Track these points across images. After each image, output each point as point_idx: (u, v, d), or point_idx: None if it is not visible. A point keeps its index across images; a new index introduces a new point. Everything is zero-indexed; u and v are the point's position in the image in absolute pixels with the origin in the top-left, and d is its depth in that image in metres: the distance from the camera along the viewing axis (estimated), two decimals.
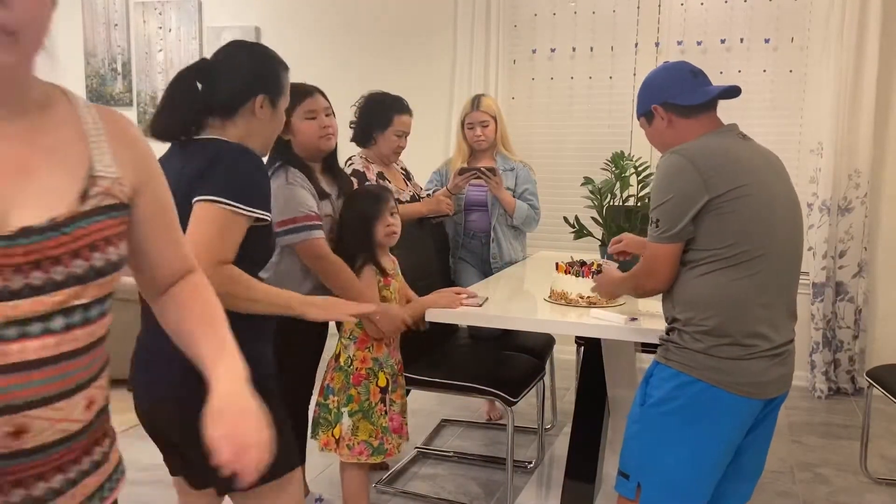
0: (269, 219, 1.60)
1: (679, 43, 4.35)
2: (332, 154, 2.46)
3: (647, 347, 3.27)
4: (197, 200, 1.54)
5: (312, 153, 2.38)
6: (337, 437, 2.28)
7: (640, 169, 2.87)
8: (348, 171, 2.81)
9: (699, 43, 4.32)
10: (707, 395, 1.71)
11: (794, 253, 1.80)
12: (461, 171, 3.18)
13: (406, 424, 2.39)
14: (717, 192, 1.68)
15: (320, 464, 2.95)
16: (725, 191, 1.68)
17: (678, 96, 1.84)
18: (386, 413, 2.30)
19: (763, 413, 1.80)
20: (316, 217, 2.24)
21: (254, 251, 1.61)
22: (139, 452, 3.13)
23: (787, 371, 1.78)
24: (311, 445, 2.50)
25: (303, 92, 2.32)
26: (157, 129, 1.64)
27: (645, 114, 1.92)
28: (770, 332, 1.72)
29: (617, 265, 2.45)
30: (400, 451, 2.37)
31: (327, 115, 2.39)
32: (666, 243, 1.76)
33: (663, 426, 1.76)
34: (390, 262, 2.41)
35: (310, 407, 2.54)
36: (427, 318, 2.30)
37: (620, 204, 2.95)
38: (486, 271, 3.32)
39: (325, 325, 2.55)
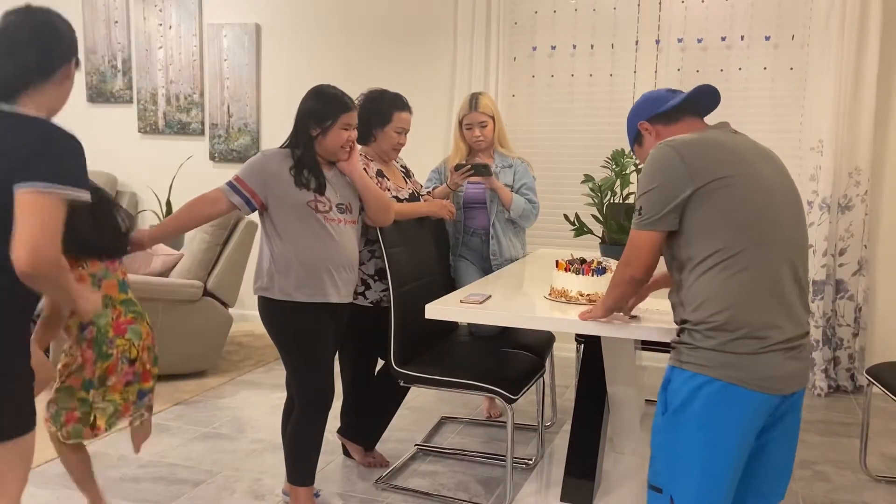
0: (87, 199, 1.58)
1: (679, 40, 4.35)
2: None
3: (647, 345, 3.28)
4: (26, 189, 1.48)
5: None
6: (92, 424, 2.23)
7: (640, 167, 2.87)
8: None
9: (700, 40, 4.32)
10: (725, 393, 1.67)
11: (801, 242, 1.78)
12: (457, 168, 3.19)
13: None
14: (702, 182, 1.69)
15: (321, 461, 2.96)
16: (711, 180, 1.69)
17: (658, 108, 1.93)
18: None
19: (780, 411, 1.76)
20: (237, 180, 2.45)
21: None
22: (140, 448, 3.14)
23: (803, 366, 1.74)
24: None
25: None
26: None
27: (635, 137, 2.00)
28: (783, 322, 1.69)
29: (616, 263, 2.45)
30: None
31: None
32: (646, 230, 1.77)
33: (688, 432, 1.71)
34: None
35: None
36: (427, 315, 2.30)
37: (621, 201, 2.95)
38: (486, 269, 3.32)
39: (340, 325, 2.59)
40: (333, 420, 3.16)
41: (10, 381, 1.60)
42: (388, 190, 2.92)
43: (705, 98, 1.91)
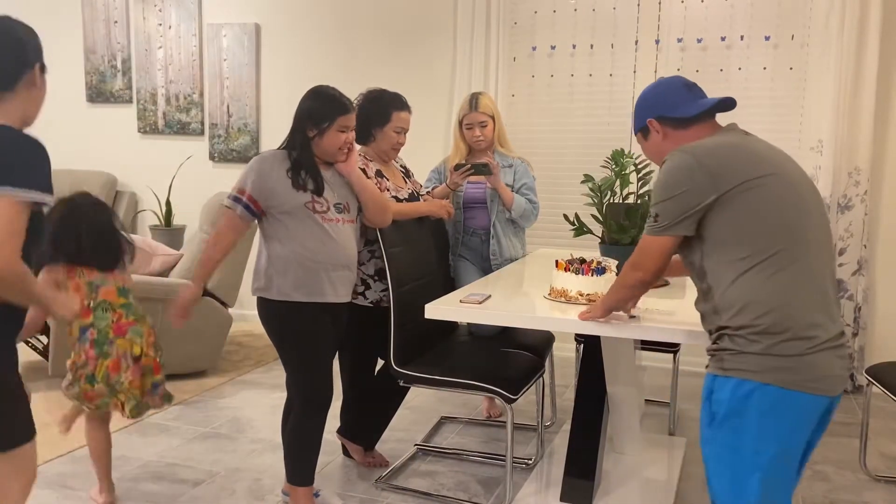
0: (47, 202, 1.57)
1: (679, 40, 4.35)
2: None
3: (647, 345, 3.28)
4: None
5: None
6: (123, 401, 2.47)
7: (640, 166, 2.87)
8: None
9: (699, 40, 4.32)
10: (778, 398, 1.62)
11: (830, 241, 1.76)
12: (457, 167, 3.19)
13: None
14: (728, 187, 1.66)
15: (320, 461, 2.96)
16: (737, 183, 1.66)
17: (672, 110, 1.88)
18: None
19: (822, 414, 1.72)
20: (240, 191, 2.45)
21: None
22: (140, 449, 3.14)
23: (847, 365, 1.70)
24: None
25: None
26: None
27: (641, 129, 1.96)
28: (825, 320, 1.66)
29: (616, 263, 2.45)
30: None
31: None
32: (659, 235, 1.76)
33: (741, 442, 1.66)
34: None
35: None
36: (427, 315, 2.31)
37: (620, 201, 2.95)
38: (485, 268, 3.32)
39: (339, 324, 2.60)
40: (333, 420, 3.16)
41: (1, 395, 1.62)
42: (388, 190, 2.92)
43: (719, 106, 1.87)
